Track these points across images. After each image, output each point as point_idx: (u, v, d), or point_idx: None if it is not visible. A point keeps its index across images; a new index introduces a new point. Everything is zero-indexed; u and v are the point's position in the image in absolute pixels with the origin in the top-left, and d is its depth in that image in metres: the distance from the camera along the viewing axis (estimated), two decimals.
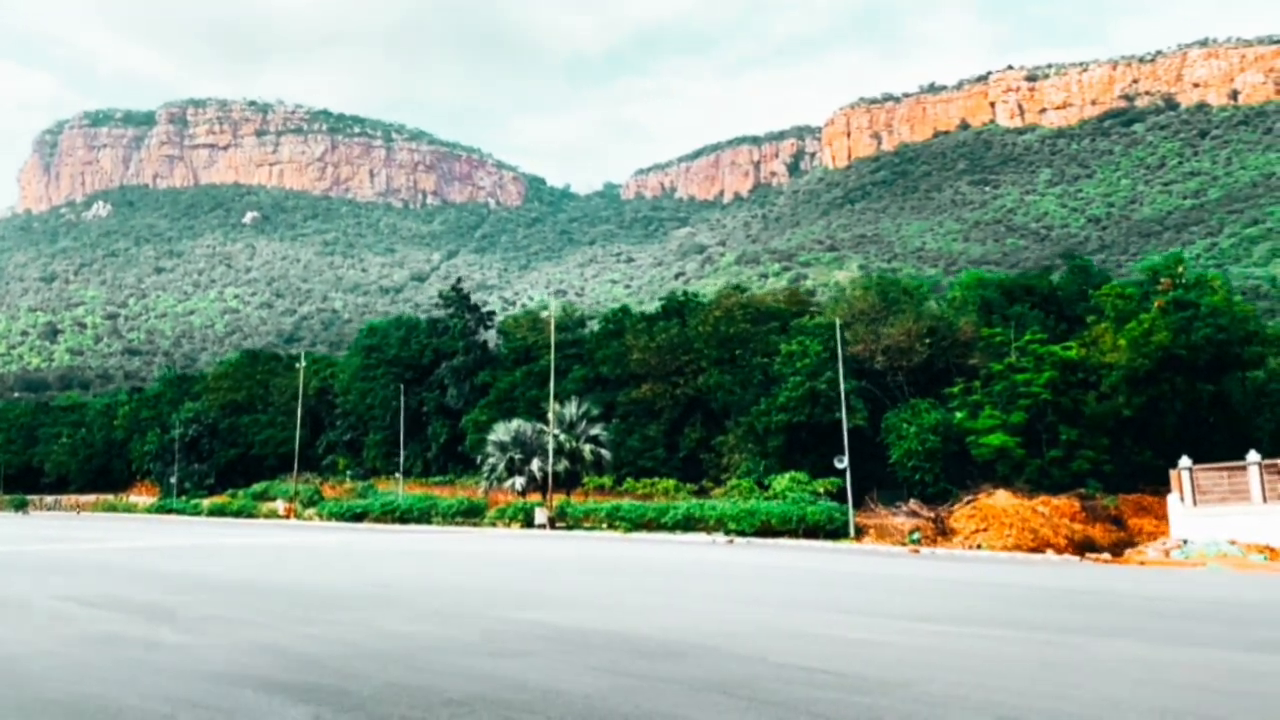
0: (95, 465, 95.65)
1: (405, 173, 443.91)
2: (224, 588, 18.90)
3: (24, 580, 20.07)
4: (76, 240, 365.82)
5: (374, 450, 77.54)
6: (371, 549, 33.78)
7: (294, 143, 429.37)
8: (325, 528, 56.98)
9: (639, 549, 34.07)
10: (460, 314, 73.40)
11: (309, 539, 41.32)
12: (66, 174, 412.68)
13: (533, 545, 36.19)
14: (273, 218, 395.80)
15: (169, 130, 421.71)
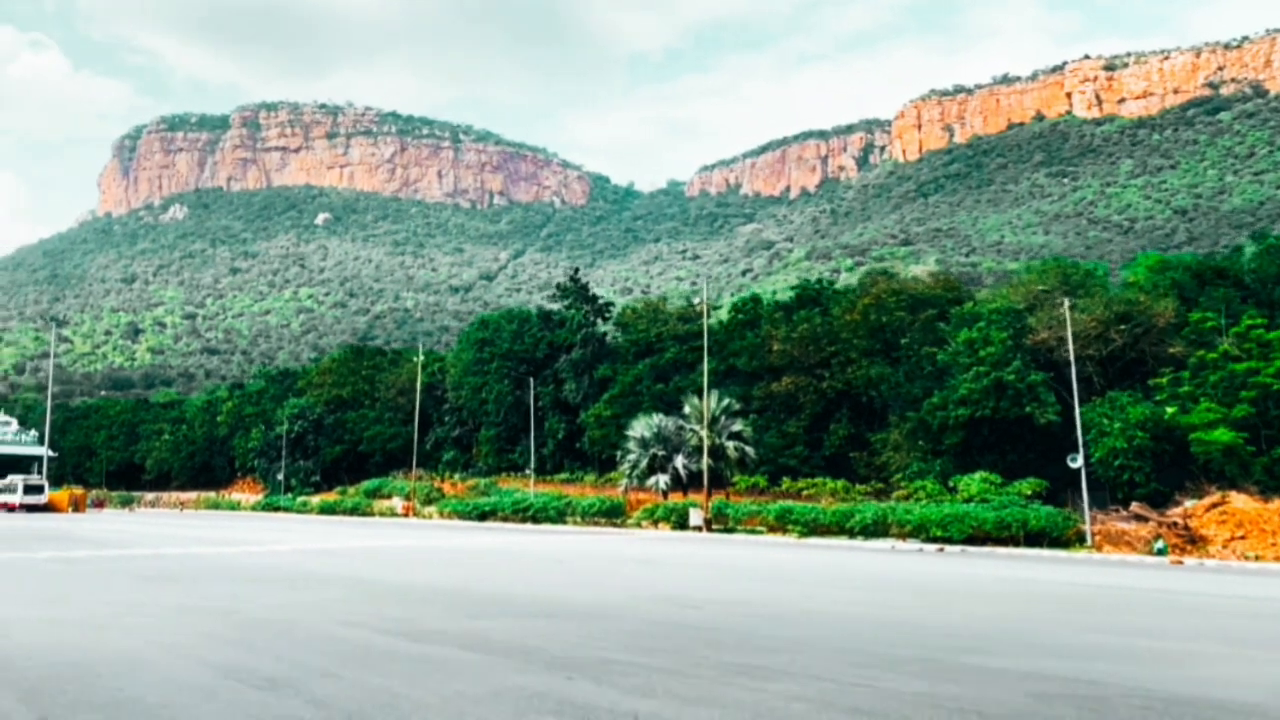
0: (197, 462, 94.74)
1: (472, 173, 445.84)
2: (530, 610, 15.74)
3: (283, 595, 17.13)
4: (155, 242, 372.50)
5: (486, 447, 74.94)
6: (557, 553, 30.68)
7: (364, 145, 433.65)
8: (452, 526, 54.31)
9: (851, 559, 30.52)
10: (577, 305, 70.39)
11: (468, 540, 38.43)
12: (144, 178, 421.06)
13: (720, 552, 32.85)
14: (344, 219, 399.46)
15: (242, 134, 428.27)
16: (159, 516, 71.27)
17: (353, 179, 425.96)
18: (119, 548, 30.15)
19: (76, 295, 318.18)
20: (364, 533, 44.83)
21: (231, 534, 41.54)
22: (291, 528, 49.95)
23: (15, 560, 24.47)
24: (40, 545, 31.31)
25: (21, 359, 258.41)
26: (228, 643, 10.96)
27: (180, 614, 13.51)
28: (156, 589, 17.33)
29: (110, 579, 19.35)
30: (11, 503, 74.14)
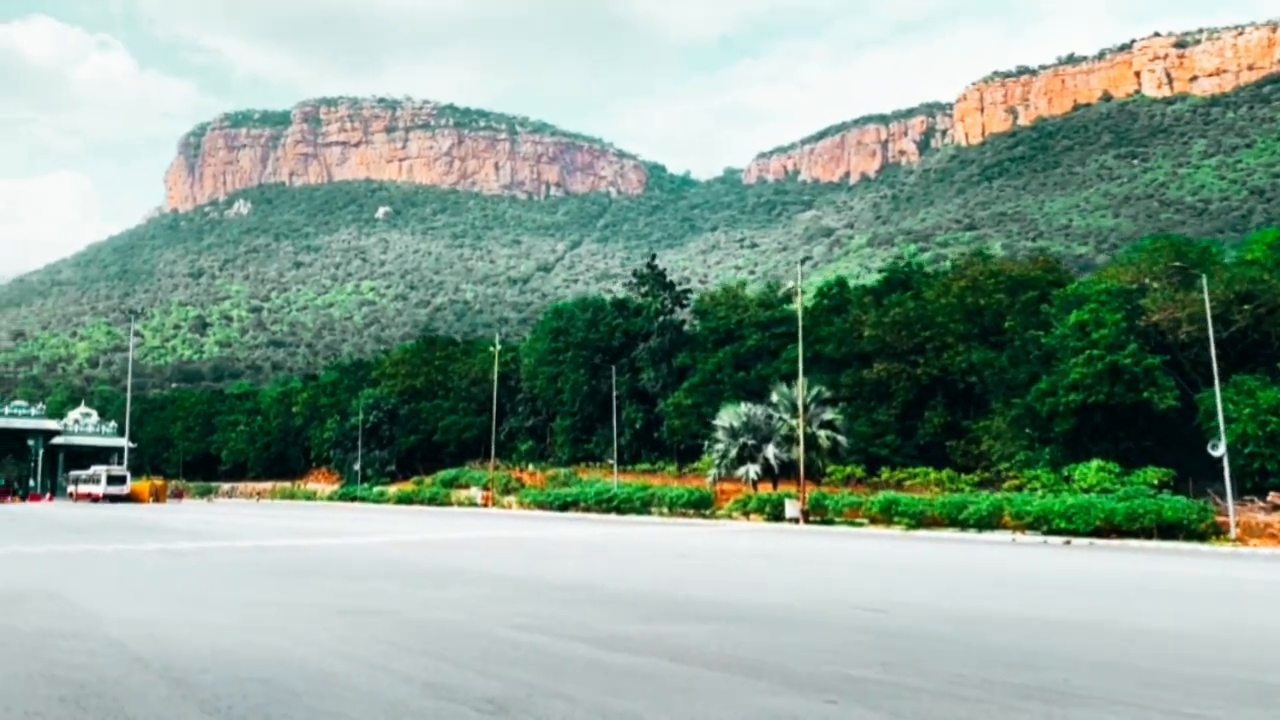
0: (273, 453, 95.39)
1: (529, 165, 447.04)
2: (706, 613, 14.41)
3: (427, 592, 16.01)
4: (220, 237, 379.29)
5: (562, 437, 74.07)
6: (667, 546, 29.37)
7: (421, 138, 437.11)
8: (535, 517, 53.42)
9: (984, 554, 28.77)
10: (654, 293, 69.06)
11: (563, 531, 37.36)
12: (209, 174, 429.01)
13: (835, 546, 31.32)
14: (403, 212, 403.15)
15: (303, 129, 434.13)
16: (239, 507, 71.62)
17: (411, 172, 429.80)
18: (219, 539, 29.52)
19: (146, 290, 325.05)
20: (452, 523, 44.04)
21: (321, 524, 40.98)
22: (377, 518, 49.41)
23: (123, 553, 23.82)
24: (137, 536, 30.85)
25: (95, 353, 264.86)
26: (413, 651, 9.76)
27: (336, 616, 12.39)
28: (290, 585, 16.33)
29: (232, 573, 18.44)
30: (95, 493, 75.12)
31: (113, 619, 11.71)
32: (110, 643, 9.95)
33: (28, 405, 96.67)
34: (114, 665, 8.80)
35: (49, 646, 9.65)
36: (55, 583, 15.99)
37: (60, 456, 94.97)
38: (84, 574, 17.98)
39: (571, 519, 52.04)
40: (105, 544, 26.71)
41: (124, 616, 12.01)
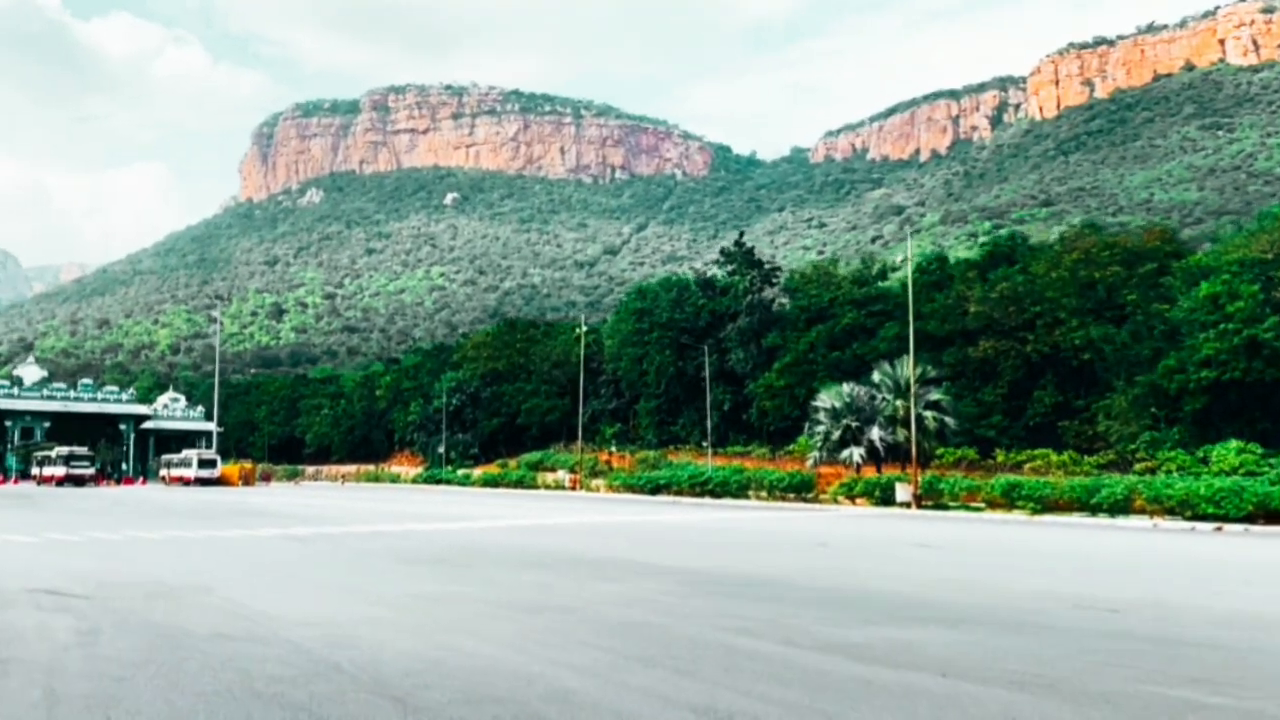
0: (356, 436, 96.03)
1: (594, 148, 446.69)
2: (917, 615, 13.03)
3: (595, 585, 14.84)
4: (293, 225, 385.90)
5: (646, 419, 72.96)
6: (788, 532, 27.96)
7: (488, 124, 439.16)
8: (628, 500, 52.36)
9: (1136, 541, 26.80)
10: (742, 271, 67.36)
11: (669, 516, 36.15)
12: (282, 163, 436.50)
13: (967, 532, 29.62)
14: (471, 198, 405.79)
15: (372, 117, 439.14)
16: (328, 489, 71.97)
17: (478, 158, 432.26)
18: (333, 524, 28.84)
19: (223, 278, 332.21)
20: (550, 506, 43.19)
21: (424, 508, 40.37)
22: (473, 502, 48.82)
23: (246, 539, 23.17)
24: (249, 521, 30.39)
25: (176, 339, 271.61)
26: (639, 660, 8.53)
27: (525, 614, 11.24)
28: (443, 576, 15.27)
29: (374, 563, 17.50)
30: (187, 476, 76.10)
31: (283, 618, 10.70)
32: (297, 649, 8.89)
33: (119, 390, 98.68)
34: (319, 678, 7.70)
35: (234, 654, 8.61)
36: (198, 574, 15.16)
37: (150, 441, 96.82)
38: (222, 563, 17.19)
39: (665, 503, 50.89)
40: (222, 529, 26.17)
41: (292, 614, 11.00)
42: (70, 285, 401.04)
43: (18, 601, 11.61)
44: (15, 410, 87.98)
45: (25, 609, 11.02)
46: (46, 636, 9.25)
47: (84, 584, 13.47)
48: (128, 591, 12.72)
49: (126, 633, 9.53)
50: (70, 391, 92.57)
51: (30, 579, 13.97)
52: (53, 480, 71.96)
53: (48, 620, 10.19)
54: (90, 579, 14.11)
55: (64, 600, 11.77)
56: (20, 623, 10.03)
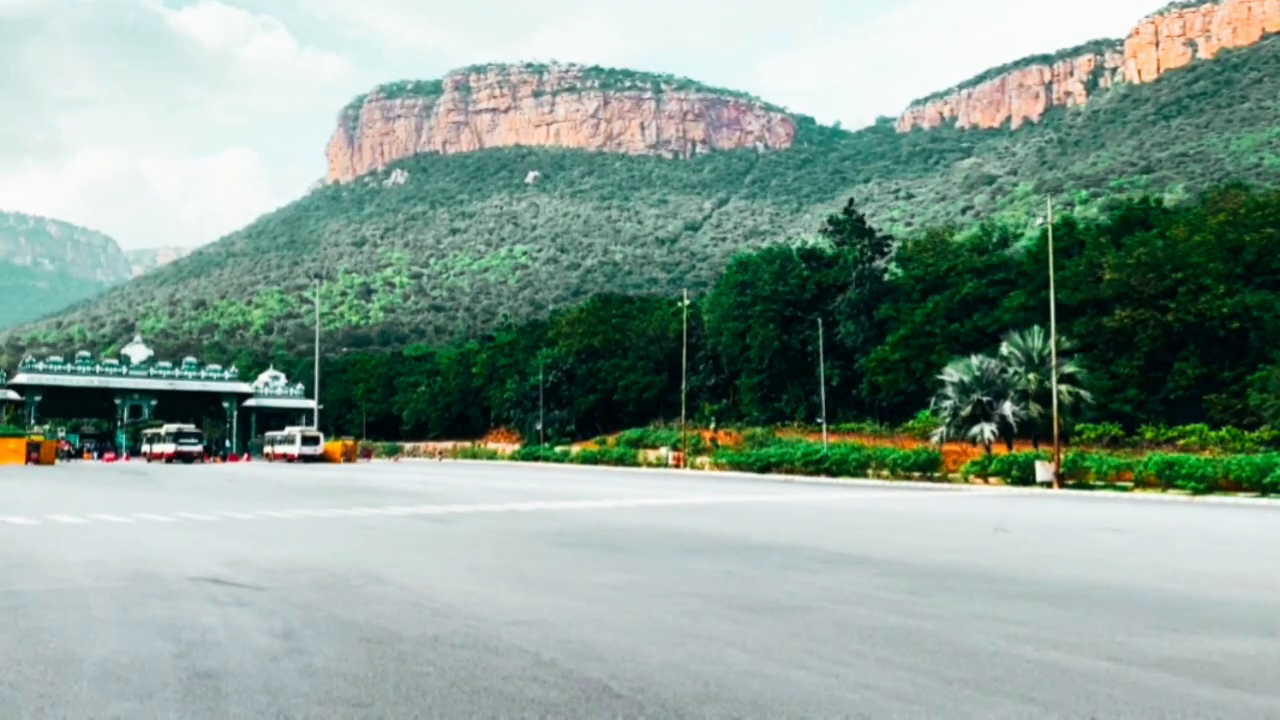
0: (453, 413, 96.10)
1: (675, 123, 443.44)
2: (1222, 619, 11.05)
3: (806, 577, 13.15)
4: (380, 206, 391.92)
5: (749, 395, 70.98)
6: (969, 516, 25.92)
7: (568, 101, 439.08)
8: (736, 478, 50.62)
9: None
10: (851, 240, 64.70)
11: (797, 496, 34.28)
12: (367, 145, 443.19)
13: (1133, 513, 27.21)
14: (552, 176, 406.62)
15: (454, 97, 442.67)
16: (428, 466, 71.83)
17: (558, 136, 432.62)
18: (458, 502, 27.70)
19: (314, 259, 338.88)
20: (664, 485, 41.70)
21: (536, 485, 39.27)
22: (582, 478, 47.66)
23: (378, 518, 22.07)
24: (371, 499, 29.45)
25: (270, 319, 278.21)
26: (973, 685, 6.79)
27: (748, 613, 9.60)
28: (612, 562, 13.74)
29: (524, 545, 16.08)
30: (291, 453, 76.72)
31: (485, 615, 9.24)
32: (536, 659, 7.38)
33: (221, 369, 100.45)
34: (594, 703, 6.15)
35: (469, 666, 7.14)
36: (356, 559, 13.91)
37: (252, 418, 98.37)
38: (371, 546, 15.96)
39: (777, 481, 49.05)
40: (348, 507, 25.21)
41: (488, 609, 9.55)
42: (168, 268, 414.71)
43: (185, 592, 10.39)
44: (124, 389, 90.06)
45: (199, 602, 9.76)
46: (241, 640, 7.90)
47: (244, 571, 12.27)
48: (294, 580, 11.46)
49: (328, 636, 8.14)
50: (175, 370, 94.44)
51: (185, 564, 12.85)
52: (163, 457, 73.21)
53: (232, 618, 8.88)
54: (247, 565, 12.93)
55: (235, 592, 10.51)
56: (203, 620, 8.74)
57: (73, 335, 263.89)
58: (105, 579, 11.31)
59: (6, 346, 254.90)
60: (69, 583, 11.01)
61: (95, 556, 13.55)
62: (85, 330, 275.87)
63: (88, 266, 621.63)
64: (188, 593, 10.34)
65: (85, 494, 31.03)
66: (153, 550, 14.54)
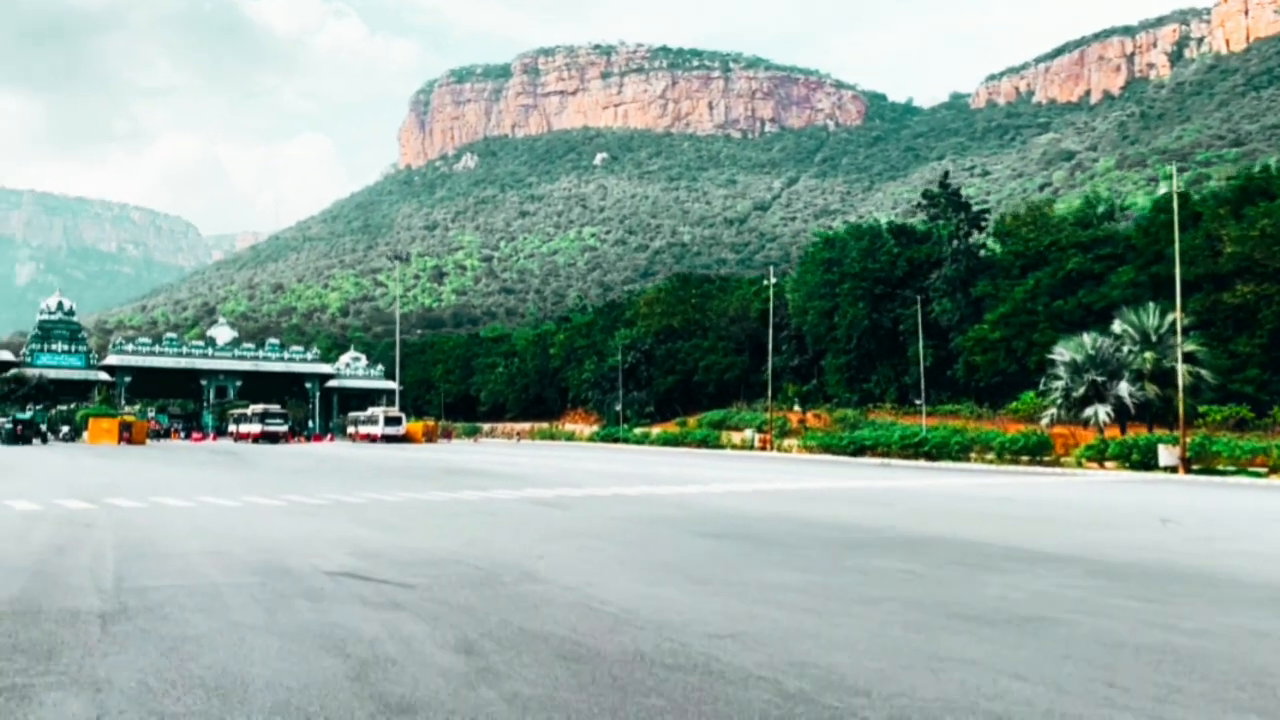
0: (530, 394, 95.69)
1: (743, 102, 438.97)
2: None
3: (1004, 578, 11.63)
4: (450, 190, 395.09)
5: (835, 376, 68.95)
6: (1127, 506, 23.99)
7: (636, 82, 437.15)
8: (828, 462, 48.87)
9: None
10: (946, 215, 62.14)
11: (918, 482, 32.54)
12: (438, 130, 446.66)
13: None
14: (620, 157, 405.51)
15: (523, 81, 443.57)
16: (506, 447, 71.35)
17: (626, 117, 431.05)
18: (562, 485, 26.57)
19: (387, 243, 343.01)
20: (761, 468, 40.21)
21: (629, 467, 38.09)
22: (671, 460, 46.42)
23: (488, 502, 21.01)
24: (469, 480, 28.51)
25: (346, 302, 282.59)
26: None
27: (982, 625, 8.15)
28: (768, 558, 12.36)
29: (660, 535, 14.77)
30: (374, 433, 76.92)
31: (671, 622, 7.95)
32: (780, 689, 6.03)
33: (303, 350, 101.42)
34: None
35: (692, 692, 5.85)
36: (492, 550, 12.76)
37: (334, 399, 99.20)
38: (500, 535, 14.81)
39: (873, 464, 47.22)
40: (453, 490, 24.24)
41: (676, 617, 8.26)
42: (246, 252, 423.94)
43: (328, 591, 9.28)
44: (210, 369, 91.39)
45: (348, 604, 8.63)
46: (418, 656, 6.69)
47: (380, 564, 11.17)
48: (440, 576, 10.31)
49: (515, 651, 6.88)
50: (259, 351, 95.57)
51: (314, 555, 11.81)
52: (249, 437, 73.91)
53: (395, 626, 7.71)
54: (379, 556, 11.85)
55: (382, 590, 9.38)
56: (362, 628, 7.57)
57: (156, 319, 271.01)
58: (235, 573, 10.29)
59: (95, 330, 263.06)
60: (198, 577, 10.01)
61: (215, 545, 12.61)
62: (168, 314, 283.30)
63: (169, 252, 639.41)
64: (331, 591, 9.23)
65: (183, 475, 30.70)
66: (273, 538, 13.58)
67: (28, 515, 16.06)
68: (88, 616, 7.76)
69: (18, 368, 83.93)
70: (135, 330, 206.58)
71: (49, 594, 8.78)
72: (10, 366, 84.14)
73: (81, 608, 8.14)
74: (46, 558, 11.07)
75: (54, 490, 22.45)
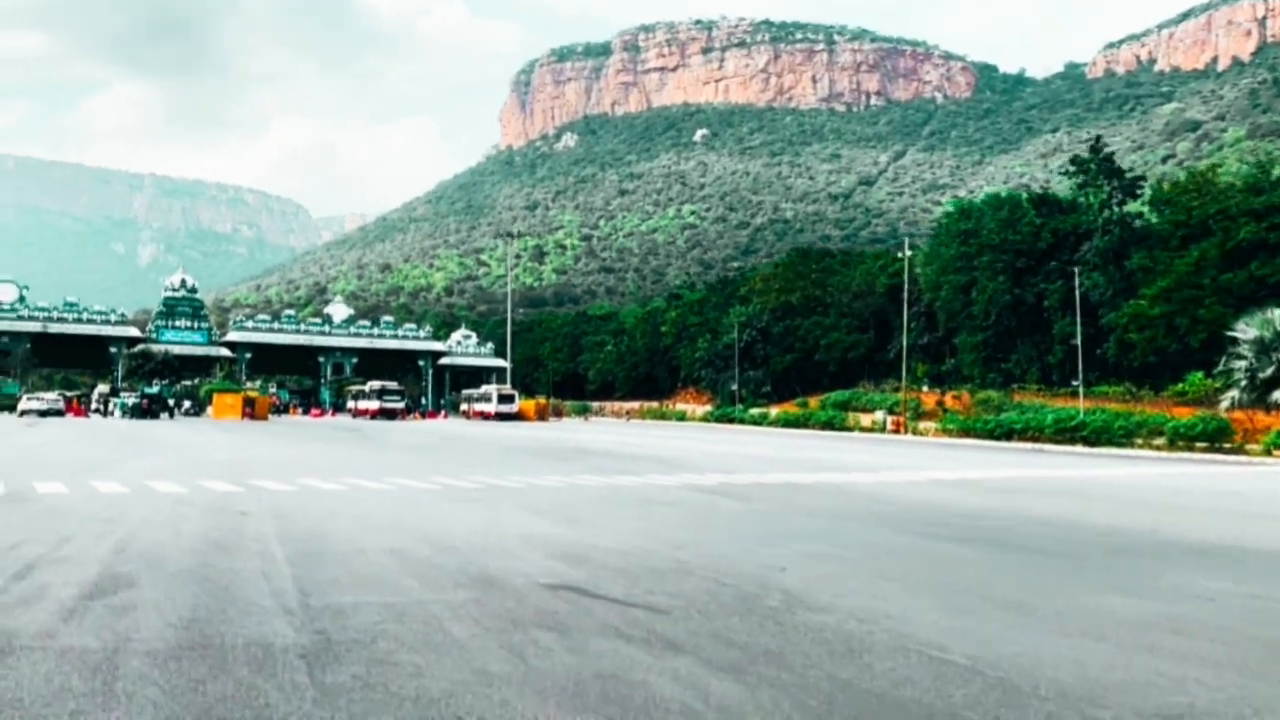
0: (640, 373, 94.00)
1: (848, 75, 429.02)
2: None
3: None
4: (551, 170, 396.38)
5: (970, 355, 65.12)
6: None
7: (737, 57, 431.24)
8: (972, 446, 45.55)
9: None
10: (1096, 182, 57.64)
11: (1097, 473, 29.35)
12: (539, 110, 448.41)
13: None
14: (720, 133, 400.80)
15: (623, 58, 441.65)
16: (621, 425, 69.68)
17: (727, 92, 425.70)
18: (705, 471, 24.36)
19: (489, 223, 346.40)
20: (903, 453, 37.34)
21: (763, 450, 35.73)
22: (802, 442, 43.87)
23: (651, 488, 18.96)
24: (612, 465, 26.53)
25: (450, 282, 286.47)
26: None
27: None
28: (1087, 582, 9.90)
29: (923, 546, 12.43)
30: (488, 411, 76.24)
31: (1063, 685, 5.66)
32: None
33: (416, 327, 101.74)
34: None
35: None
36: (715, 555, 10.63)
37: (446, 376, 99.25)
38: (704, 532, 12.70)
39: (1024, 450, 43.79)
40: (606, 475, 22.24)
41: (1024, 665, 5.97)
42: (354, 233, 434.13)
43: (566, 617, 7.23)
44: (327, 346, 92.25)
45: (606, 639, 6.54)
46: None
47: (597, 572, 9.14)
48: (681, 594, 8.21)
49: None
50: (374, 329, 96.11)
51: (510, 557, 9.86)
52: (367, 413, 74.00)
53: (688, 678, 5.53)
54: (588, 560, 9.82)
55: (631, 616, 7.29)
56: (651, 684, 5.43)
57: (270, 298, 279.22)
58: (436, 584, 8.38)
59: (213, 308, 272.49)
60: (395, 590, 8.11)
61: (391, 541, 10.77)
62: (281, 293, 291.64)
63: (281, 233, 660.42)
64: (569, 618, 7.19)
65: (317, 453, 29.61)
66: (449, 532, 11.70)
67: (175, 500, 14.63)
68: (286, 656, 5.86)
69: (144, 343, 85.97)
70: (250, 309, 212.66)
71: (226, 614, 6.96)
72: (137, 342, 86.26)
73: (273, 639, 6.26)
74: (209, 558, 9.36)
75: (193, 469, 21.30)
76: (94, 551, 9.49)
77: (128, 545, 9.91)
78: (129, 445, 31.01)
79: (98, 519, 12.10)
